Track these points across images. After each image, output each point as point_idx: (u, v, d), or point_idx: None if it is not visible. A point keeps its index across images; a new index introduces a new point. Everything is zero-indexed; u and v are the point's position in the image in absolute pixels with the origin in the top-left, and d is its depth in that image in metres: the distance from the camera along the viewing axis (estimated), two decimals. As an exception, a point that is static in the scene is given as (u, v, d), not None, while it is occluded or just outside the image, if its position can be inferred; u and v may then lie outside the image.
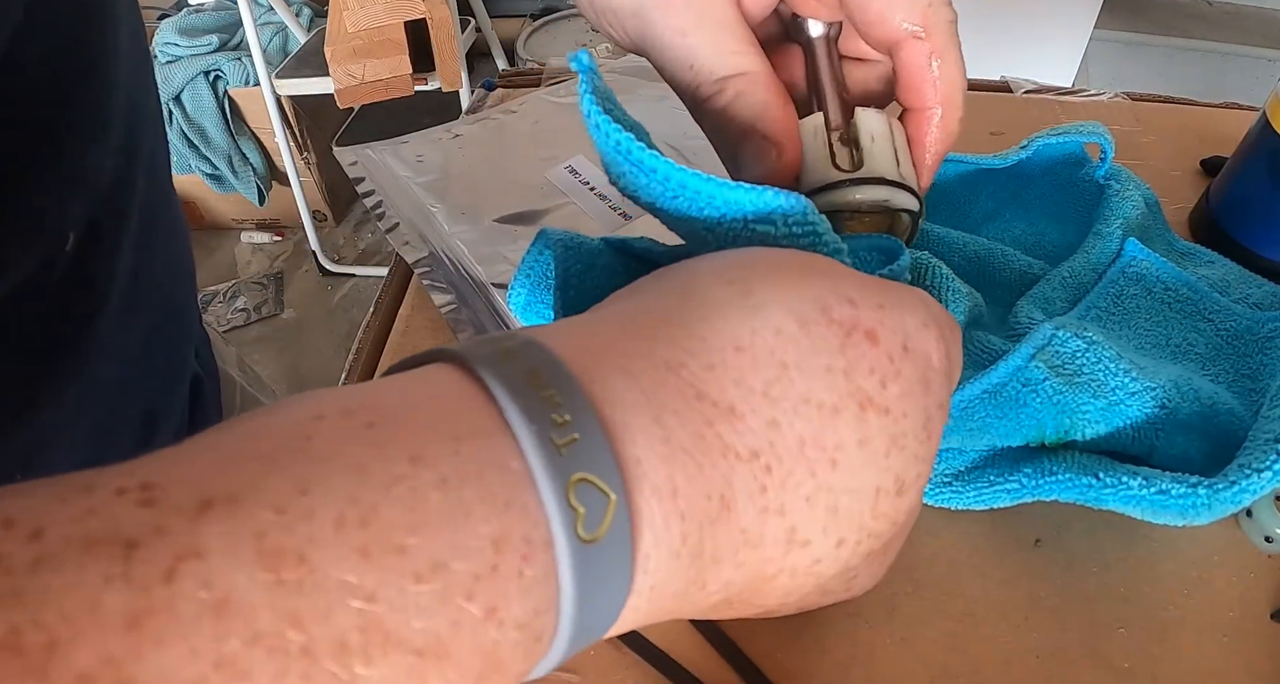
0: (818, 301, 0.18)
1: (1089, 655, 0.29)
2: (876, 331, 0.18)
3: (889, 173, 0.25)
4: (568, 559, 0.14)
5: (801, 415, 0.17)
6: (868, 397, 0.17)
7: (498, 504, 0.13)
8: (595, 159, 0.51)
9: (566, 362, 0.15)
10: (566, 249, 0.26)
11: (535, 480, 0.14)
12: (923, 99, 0.25)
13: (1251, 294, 0.38)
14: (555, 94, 0.57)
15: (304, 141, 1.67)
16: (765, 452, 0.16)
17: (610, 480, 0.14)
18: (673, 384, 0.16)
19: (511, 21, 2.05)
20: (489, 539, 0.13)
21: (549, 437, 0.14)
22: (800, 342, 0.17)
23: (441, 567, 0.12)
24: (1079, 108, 0.54)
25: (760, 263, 0.19)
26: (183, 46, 1.57)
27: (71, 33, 0.26)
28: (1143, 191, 0.41)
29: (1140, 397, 0.29)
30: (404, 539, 0.12)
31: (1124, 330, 0.35)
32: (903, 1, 0.24)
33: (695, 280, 0.18)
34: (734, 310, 0.17)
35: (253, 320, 1.68)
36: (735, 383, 0.16)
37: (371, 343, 0.42)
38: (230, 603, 0.11)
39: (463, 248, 0.44)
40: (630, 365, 0.16)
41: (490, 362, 0.15)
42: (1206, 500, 0.26)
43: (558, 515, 0.13)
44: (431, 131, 0.54)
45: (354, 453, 0.13)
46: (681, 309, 0.17)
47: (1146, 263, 0.37)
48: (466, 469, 0.13)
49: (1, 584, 0.10)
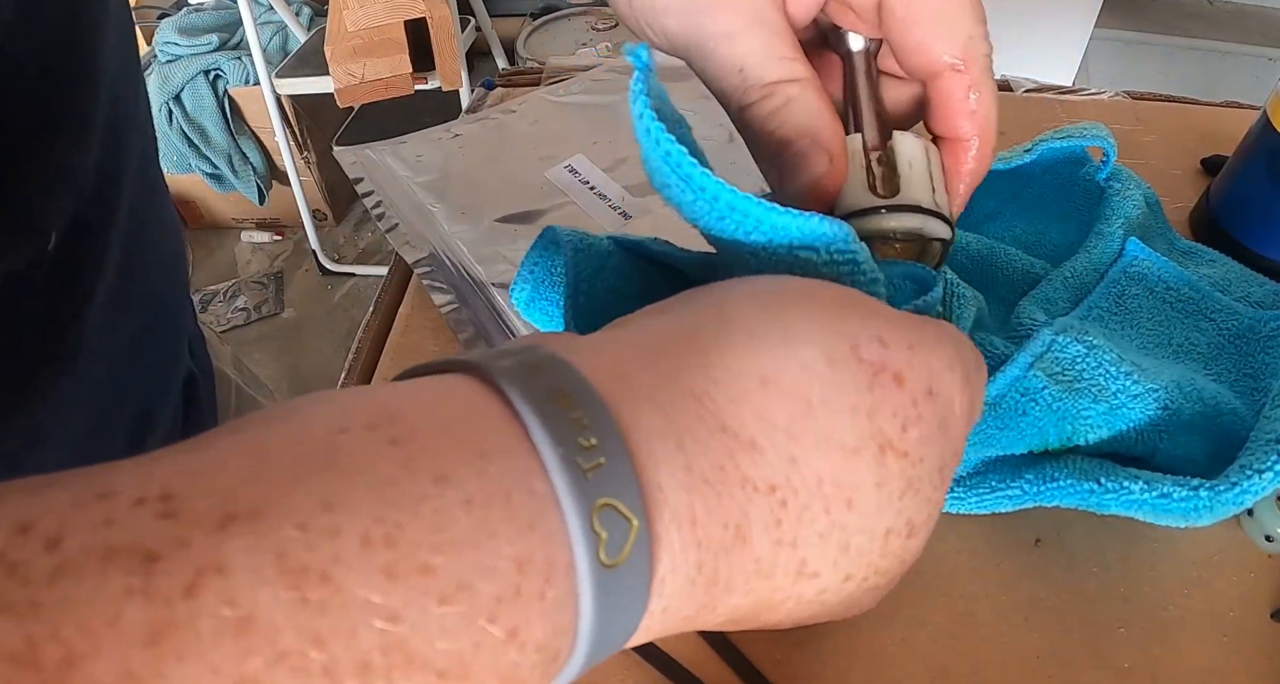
0: (848, 339, 0.17)
1: (1089, 655, 0.29)
2: (904, 374, 0.18)
3: (925, 201, 0.25)
4: (589, 583, 0.14)
5: (821, 453, 0.16)
6: (888, 439, 0.17)
7: (522, 526, 0.13)
8: (595, 158, 0.50)
9: (593, 382, 0.15)
10: (576, 251, 0.26)
11: (560, 504, 0.14)
12: (958, 130, 0.25)
13: (1253, 293, 0.38)
14: (555, 93, 0.57)
15: (304, 141, 1.67)
16: (783, 486, 0.16)
17: (633, 506, 0.14)
18: (696, 413, 0.16)
19: (511, 21, 2.05)
20: (513, 561, 0.13)
21: (575, 460, 0.14)
22: (827, 380, 0.17)
23: (466, 588, 0.12)
24: (1079, 107, 0.54)
25: (793, 294, 0.19)
26: (183, 46, 1.57)
27: (62, 30, 0.26)
28: (1144, 191, 0.41)
29: (1143, 399, 0.29)
30: (430, 559, 0.12)
31: (1126, 330, 0.35)
32: (944, 32, 0.24)
33: (726, 307, 0.18)
34: (763, 342, 0.17)
35: (253, 320, 1.68)
36: (758, 417, 0.16)
37: (371, 343, 0.42)
38: (253, 621, 0.11)
39: (463, 248, 0.44)
40: (656, 392, 0.16)
41: (516, 377, 0.15)
42: (1208, 502, 0.26)
43: (581, 540, 0.13)
44: (431, 131, 0.54)
45: (380, 470, 0.13)
46: (710, 336, 0.17)
47: (1148, 262, 0.37)
48: (492, 489, 0.13)
49: (18, 594, 0.10)
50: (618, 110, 0.55)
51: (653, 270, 0.28)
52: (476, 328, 0.41)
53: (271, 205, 1.80)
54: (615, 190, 0.48)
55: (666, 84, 0.42)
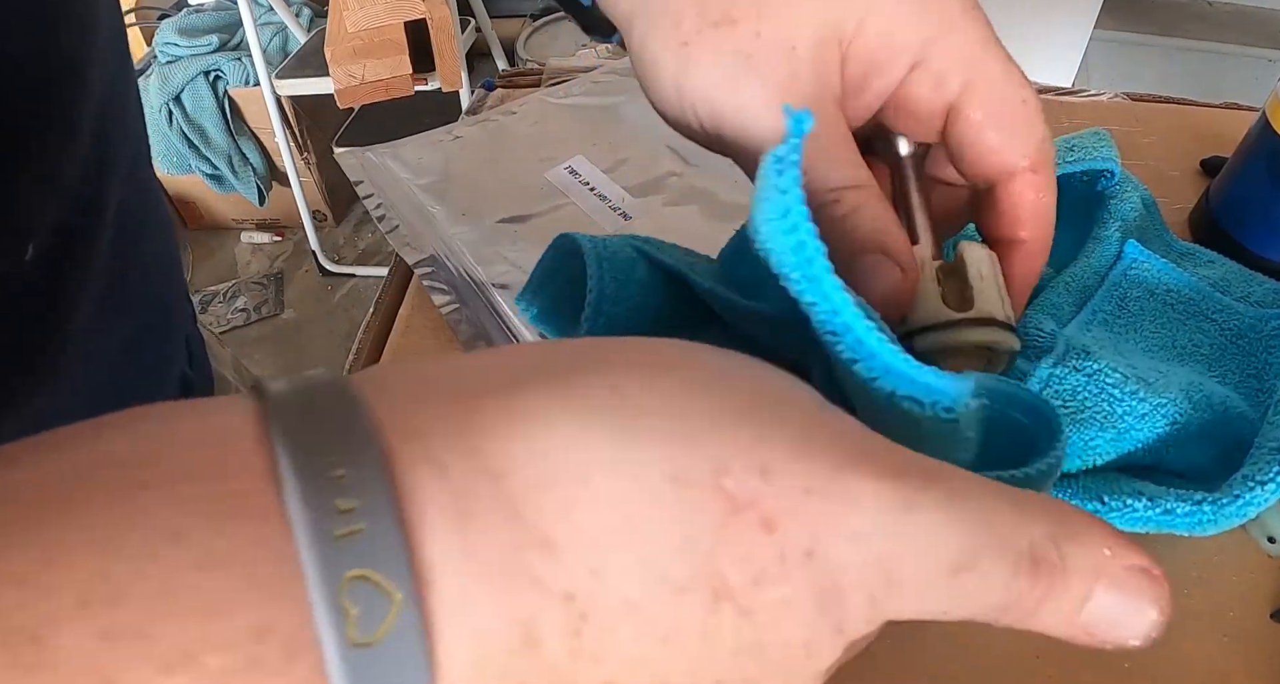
0: (717, 459, 0.14)
1: (1089, 655, 0.29)
2: (778, 521, 0.14)
3: (999, 313, 0.24)
4: (338, 662, 0.12)
5: (634, 579, 0.14)
6: (728, 589, 0.14)
7: (263, 594, 0.12)
8: (595, 160, 0.51)
9: (381, 432, 0.14)
10: (601, 262, 0.24)
11: (305, 572, 0.12)
12: (1024, 232, 0.25)
13: (1253, 292, 0.38)
14: (556, 95, 0.57)
15: (304, 141, 1.67)
16: (582, 598, 0.14)
17: (396, 580, 0.12)
18: (488, 493, 0.14)
19: (511, 21, 2.05)
20: (250, 631, 0.12)
21: (325, 524, 0.12)
22: (661, 500, 0.14)
23: (191, 658, 0.11)
24: (1079, 108, 0.54)
25: (702, 383, 0.15)
26: (183, 46, 1.57)
27: (50, 34, 0.25)
28: (1141, 193, 0.41)
29: (1150, 418, 0.29)
30: (152, 626, 0.11)
31: (1130, 334, 0.35)
32: (1021, 134, 0.24)
33: (578, 373, 0.15)
34: (601, 434, 0.14)
35: (253, 320, 1.68)
36: (562, 515, 0.14)
37: (371, 343, 0.42)
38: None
39: (463, 249, 0.44)
40: (450, 458, 0.14)
41: (286, 417, 0.14)
42: (1212, 516, 0.26)
43: (326, 614, 0.12)
44: (431, 133, 0.54)
45: (114, 519, 0.12)
46: (541, 406, 0.14)
47: (1147, 265, 0.37)
48: (232, 550, 0.12)
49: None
50: (618, 112, 0.55)
51: (675, 287, 0.26)
52: (476, 328, 0.41)
53: (271, 206, 1.80)
54: (615, 191, 0.48)
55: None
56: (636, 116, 0.54)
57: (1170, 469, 0.30)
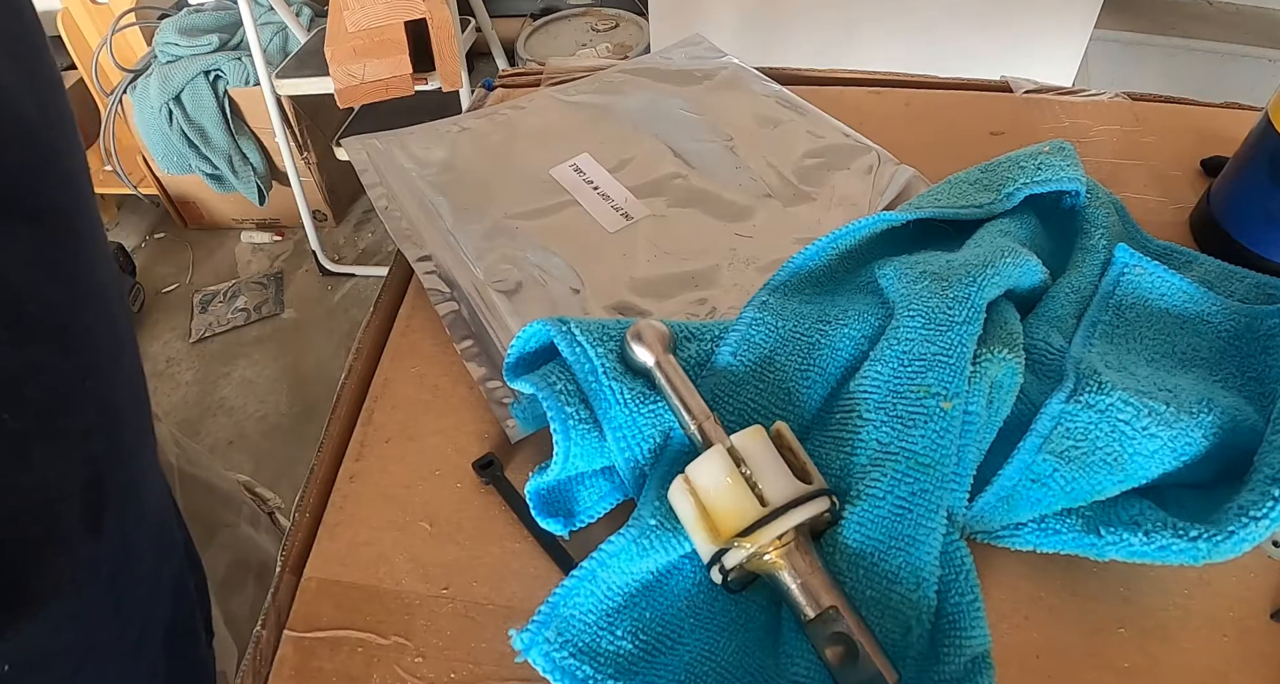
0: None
1: (1089, 655, 0.29)
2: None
3: (788, 493, 0.28)
4: None
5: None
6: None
7: None
8: (601, 158, 0.50)
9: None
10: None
11: None
12: None
13: (1236, 289, 0.38)
14: (565, 92, 0.57)
15: (304, 141, 1.67)
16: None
17: None
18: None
19: (511, 21, 2.05)
20: None
21: None
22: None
23: None
24: (1079, 108, 0.54)
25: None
26: (183, 46, 1.57)
27: None
28: (1111, 197, 0.42)
29: (1159, 455, 0.29)
30: None
31: (1131, 344, 0.35)
32: None
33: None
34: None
35: (253, 320, 1.68)
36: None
37: (371, 343, 0.42)
38: None
39: (463, 247, 0.44)
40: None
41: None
42: (1207, 552, 0.27)
43: None
44: (438, 124, 0.54)
45: None
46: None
47: (1139, 268, 0.37)
48: None
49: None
50: (625, 112, 0.55)
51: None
52: (475, 328, 0.41)
53: (271, 206, 1.80)
54: (619, 191, 0.48)
55: (667, 85, 0.41)
56: (638, 115, 0.54)
57: (1171, 483, 0.30)
